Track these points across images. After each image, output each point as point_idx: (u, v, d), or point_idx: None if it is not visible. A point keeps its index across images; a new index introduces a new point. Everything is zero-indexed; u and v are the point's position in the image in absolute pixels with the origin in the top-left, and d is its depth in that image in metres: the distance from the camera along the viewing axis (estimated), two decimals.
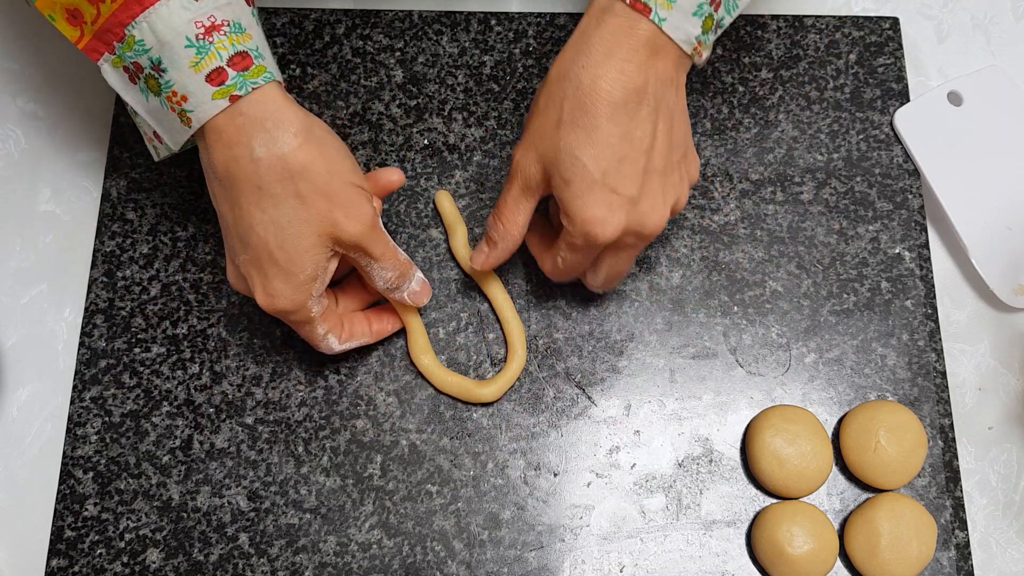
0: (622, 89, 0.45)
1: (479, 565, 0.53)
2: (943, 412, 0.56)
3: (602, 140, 0.46)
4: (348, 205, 0.46)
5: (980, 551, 0.55)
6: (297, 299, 0.48)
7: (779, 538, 0.51)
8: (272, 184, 0.45)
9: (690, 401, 0.56)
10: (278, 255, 0.46)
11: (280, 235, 0.46)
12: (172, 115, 0.45)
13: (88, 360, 0.56)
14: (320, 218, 0.46)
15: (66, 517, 0.53)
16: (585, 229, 0.47)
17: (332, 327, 0.51)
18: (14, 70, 0.63)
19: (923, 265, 0.59)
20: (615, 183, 0.46)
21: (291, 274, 0.47)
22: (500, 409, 0.56)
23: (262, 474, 0.54)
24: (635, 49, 0.45)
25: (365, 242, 0.48)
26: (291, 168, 0.45)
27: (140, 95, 0.46)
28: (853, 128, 0.62)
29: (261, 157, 0.45)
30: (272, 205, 0.45)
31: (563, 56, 0.47)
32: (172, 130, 0.46)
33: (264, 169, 0.45)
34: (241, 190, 0.46)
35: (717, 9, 0.47)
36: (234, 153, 0.45)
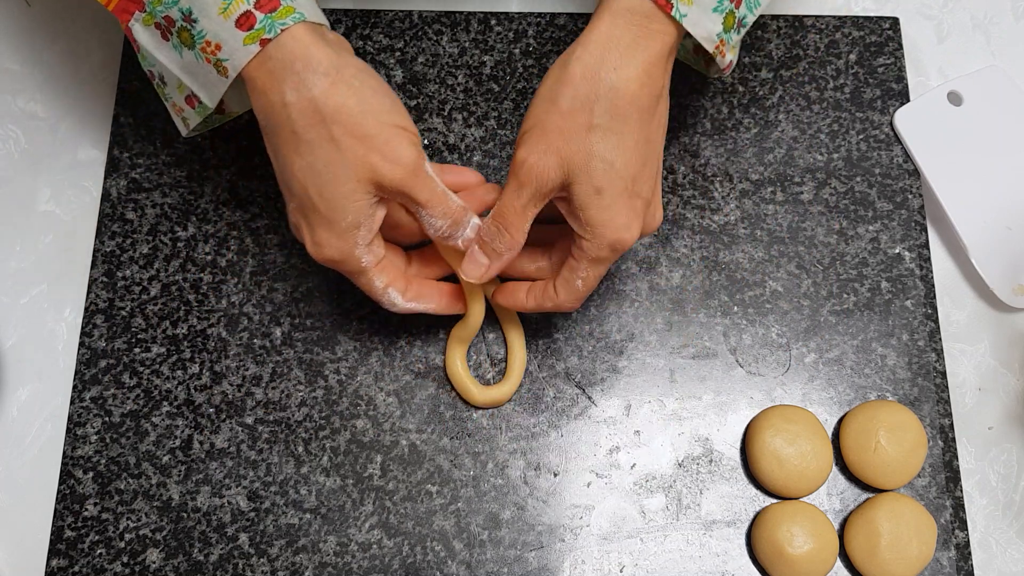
0: (648, 93, 0.45)
1: (479, 565, 0.53)
2: (943, 412, 0.56)
3: (632, 145, 0.45)
4: (385, 147, 0.44)
5: (980, 551, 0.55)
6: (343, 248, 0.46)
7: (779, 538, 0.51)
8: (305, 129, 0.44)
9: (690, 401, 0.56)
10: (318, 202, 0.45)
11: (318, 181, 0.44)
12: (208, 67, 0.44)
13: (88, 360, 0.56)
14: (357, 163, 0.44)
15: (66, 517, 0.53)
16: (614, 237, 0.45)
17: (393, 281, 0.49)
18: (14, 70, 0.63)
19: (923, 265, 0.59)
20: (639, 188, 0.46)
21: (333, 222, 0.45)
22: (500, 409, 0.56)
23: (262, 474, 0.54)
24: (660, 52, 0.45)
25: (408, 187, 0.45)
26: (322, 111, 0.43)
27: (174, 52, 0.45)
28: (853, 128, 0.62)
29: (292, 102, 0.43)
30: (308, 151, 0.44)
31: (588, 53, 0.44)
32: (209, 84, 0.45)
33: (296, 114, 0.43)
34: (279, 137, 0.44)
35: (738, 6, 0.46)
36: (268, 99, 0.44)
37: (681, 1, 0.44)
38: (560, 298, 0.49)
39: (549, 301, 0.50)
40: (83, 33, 0.64)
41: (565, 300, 0.49)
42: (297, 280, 0.58)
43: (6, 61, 0.63)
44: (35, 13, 0.64)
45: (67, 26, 0.64)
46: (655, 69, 0.45)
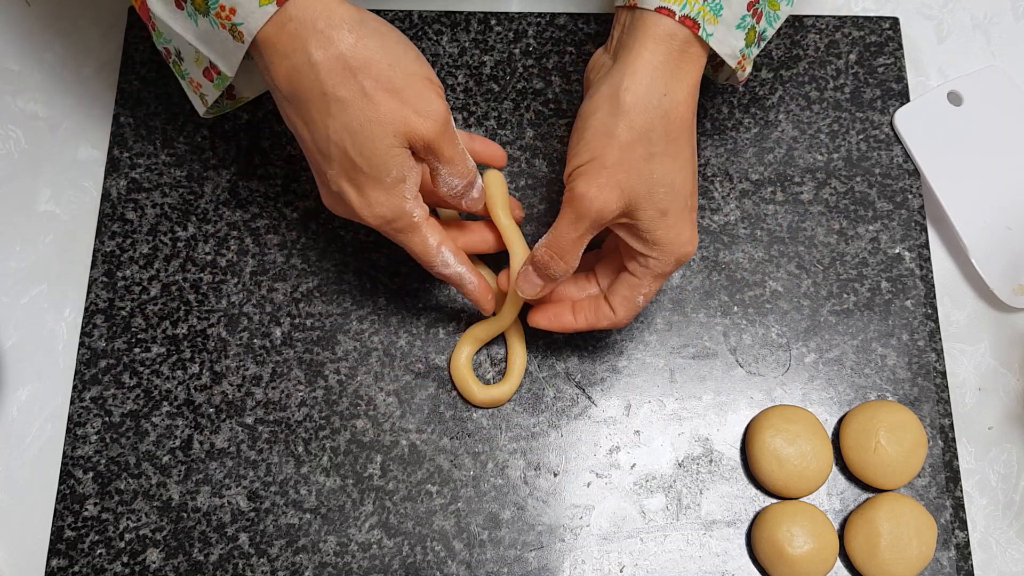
0: (691, 115, 0.47)
1: (479, 565, 0.53)
2: (943, 412, 0.56)
3: (686, 164, 0.47)
4: (417, 101, 0.44)
5: (980, 551, 0.55)
6: (394, 203, 0.45)
7: (779, 538, 0.51)
8: (336, 87, 0.43)
9: (690, 401, 0.56)
10: (359, 161, 0.44)
11: (356, 140, 0.43)
12: (223, 33, 0.43)
13: (88, 360, 0.56)
14: (392, 117, 0.43)
15: (66, 517, 0.53)
16: (681, 252, 0.47)
17: (444, 240, 0.48)
18: (14, 70, 0.63)
19: (923, 265, 0.59)
20: (694, 201, 0.48)
21: (378, 179, 0.44)
22: (500, 409, 0.56)
23: (262, 474, 0.54)
24: (696, 74, 0.46)
25: (438, 142, 0.45)
26: (352, 66, 0.42)
27: (188, 20, 0.44)
28: (853, 128, 0.62)
29: (319, 60, 0.42)
30: (341, 110, 0.43)
31: (636, 84, 0.45)
32: (226, 52, 0.44)
33: (325, 73, 0.42)
34: (309, 101, 0.43)
35: (759, 21, 0.48)
36: (293, 62, 0.43)
37: (708, 21, 0.45)
38: (619, 315, 0.50)
39: (606, 319, 0.50)
40: (83, 33, 0.64)
41: (624, 317, 0.50)
42: (297, 280, 0.58)
43: (6, 61, 0.63)
44: (35, 13, 0.64)
45: (67, 26, 0.64)
46: (696, 88, 0.47)
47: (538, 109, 0.62)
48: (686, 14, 0.45)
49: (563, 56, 0.63)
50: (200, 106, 0.50)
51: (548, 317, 0.52)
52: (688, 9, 0.45)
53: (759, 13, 0.48)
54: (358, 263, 0.58)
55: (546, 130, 0.61)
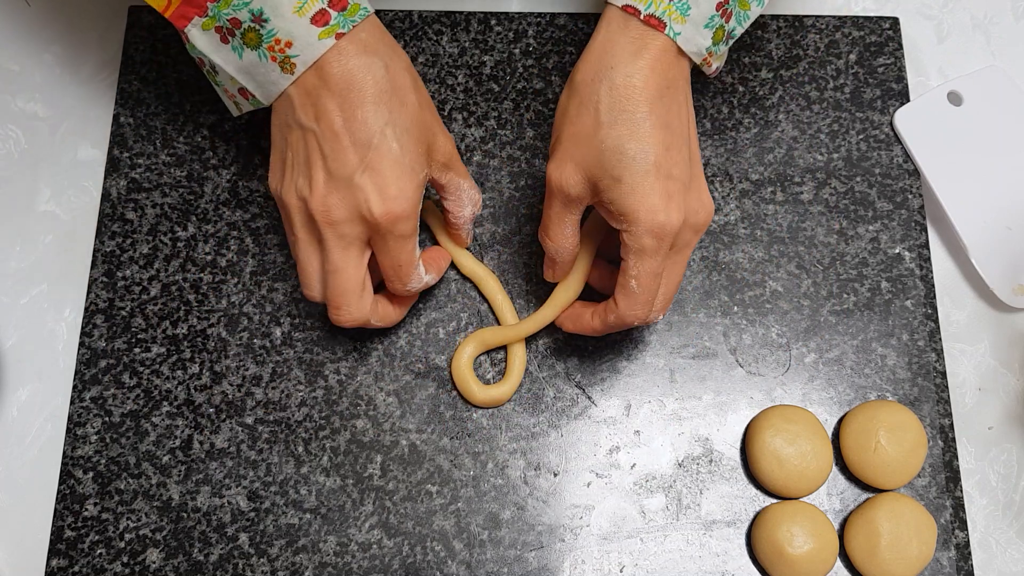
0: (655, 85, 0.46)
1: (479, 565, 0.53)
2: (943, 412, 0.56)
3: (646, 133, 0.45)
4: (438, 125, 0.50)
5: (980, 551, 0.55)
6: (415, 200, 0.48)
7: (779, 538, 0.51)
8: (396, 91, 0.47)
9: (690, 401, 0.56)
10: (399, 153, 0.47)
11: (402, 136, 0.47)
12: (271, 65, 0.46)
13: (88, 360, 0.56)
14: (427, 129, 0.49)
15: (66, 517, 0.53)
16: (649, 220, 0.45)
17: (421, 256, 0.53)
18: (14, 70, 0.63)
19: (923, 265, 0.59)
20: (667, 170, 0.46)
21: (412, 172, 0.48)
22: (500, 409, 0.56)
23: (262, 474, 0.54)
24: (659, 52, 0.46)
25: (455, 160, 0.51)
26: (414, 78, 0.49)
27: (232, 53, 0.47)
28: (853, 128, 0.62)
29: (392, 66, 0.47)
30: (397, 107, 0.47)
31: (587, 63, 0.47)
32: (267, 82, 0.47)
33: (395, 75, 0.47)
34: (363, 96, 0.46)
35: (728, 20, 0.48)
36: (364, 61, 0.46)
37: (675, 20, 0.46)
38: (620, 307, 0.48)
39: (611, 314, 0.49)
40: (83, 33, 0.64)
41: (625, 308, 0.48)
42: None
43: (6, 61, 0.63)
44: (35, 13, 0.64)
45: (67, 26, 0.64)
46: (657, 64, 0.46)
47: (538, 109, 0.62)
48: (651, 13, 0.46)
49: (563, 56, 0.63)
50: (233, 110, 0.53)
51: (572, 320, 0.53)
52: (653, 8, 0.46)
53: (728, 13, 0.48)
54: None
55: (546, 130, 0.61)
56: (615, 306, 0.49)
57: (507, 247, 0.59)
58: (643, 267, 0.47)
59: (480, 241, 0.59)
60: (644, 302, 0.48)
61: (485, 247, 0.59)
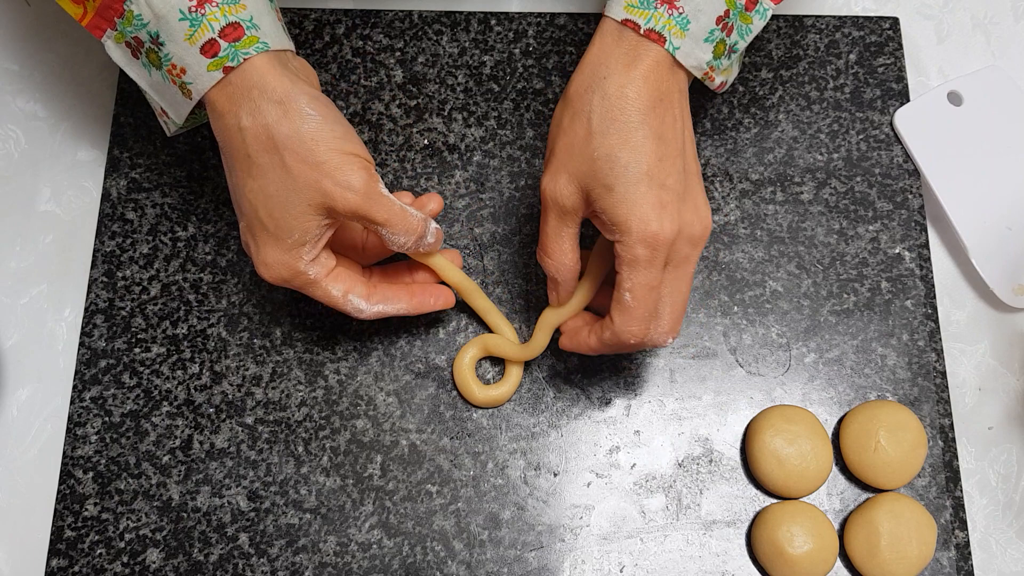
0: (648, 96, 0.45)
1: (479, 565, 0.53)
2: (943, 412, 0.56)
3: (638, 143, 0.45)
4: (336, 174, 0.45)
5: (980, 551, 0.55)
6: (289, 263, 0.47)
7: (779, 538, 0.51)
8: (259, 154, 0.45)
9: (690, 401, 0.56)
10: (267, 222, 0.46)
11: (268, 204, 0.46)
12: (174, 88, 0.46)
13: (88, 360, 0.56)
14: (308, 188, 0.45)
15: (66, 517, 0.53)
16: (642, 229, 0.44)
17: (351, 287, 0.50)
18: (14, 70, 0.63)
19: (923, 265, 0.59)
20: (660, 180, 0.45)
21: (280, 239, 0.47)
22: (500, 409, 0.56)
23: (262, 474, 0.54)
24: (653, 63, 0.45)
25: (363, 210, 0.46)
26: (275, 138, 0.45)
27: (143, 70, 0.47)
28: (853, 128, 0.62)
29: (247, 127, 0.45)
30: (260, 174, 0.46)
31: (581, 74, 0.47)
32: (175, 103, 0.47)
33: (251, 138, 0.45)
34: (234, 158, 0.46)
35: (729, 34, 0.48)
36: (225, 123, 0.46)
37: (673, 35, 0.45)
38: (616, 323, 0.47)
39: (606, 331, 0.48)
40: (83, 33, 0.64)
41: (620, 324, 0.47)
42: None
43: (6, 61, 0.63)
44: (35, 13, 0.64)
45: (67, 26, 0.64)
46: (651, 74, 0.45)
47: (538, 109, 0.62)
48: (651, 28, 0.45)
49: (563, 56, 0.63)
50: (166, 129, 0.53)
51: (570, 338, 0.52)
52: (653, 23, 0.45)
53: (729, 27, 0.47)
54: None
55: (546, 130, 0.61)
56: (610, 322, 0.47)
57: (507, 247, 0.59)
58: (636, 279, 0.46)
59: (480, 241, 0.59)
60: (640, 317, 0.46)
61: (485, 247, 0.59)
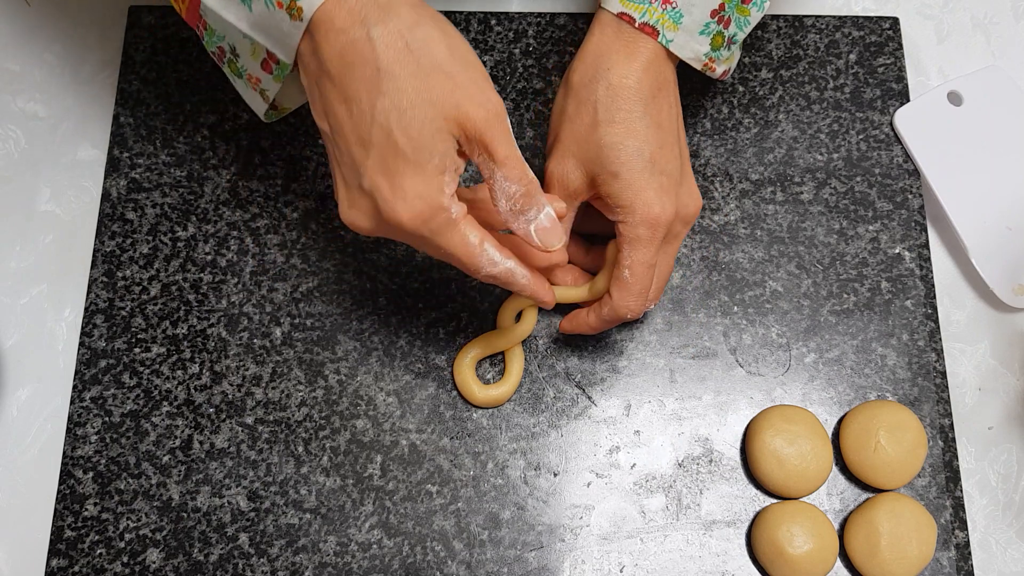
0: (648, 86, 0.48)
1: (479, 565, 0.53)
2: (943, 412, 0.56)
3: (641, 131, 0.48)
4: (471, 86, 0.42)
5: (980, 551, 0.55)
6: (432, 196, 0.43)
7: (779, 538, 0.51)
8: (392, 64, 0.41)
9: (690, 401, 0.56)
10: (403, 143, 0.42)
11: (403, 120, 0.42)
12: (280, 13, 0.42)
13: (88, 360, 0.56)
14: (444, 98, 0.42)
15: (66, 517, 0.53)
16: (645, 212, 0.48)
17: (486, 236, 0.45)
18: (14, 70, 0.63)
19: (923, 265, 0.59)
20: (661, 166, 0.48)
21: (419, 164, 0.42)
22: (500, 409, 0.56)
23: (262, 474, 0.54)
24: (652, 55, 0.48)
25: (490, 134, 0.42)
26: (410, 44, 0.42)
27: (242, 7, 0.44)
28: (853, 128, 0.62)
29: (377, 36, 0.41)
30: (393, 87, 0.41)
31: (583, 63, 0.49)
32: (283, 35, 0.43)
33: (382, 47, 0.41)
34: (358, 78, 0.42)
35: (727, 26, 0.50)
36: (350, 37, 0.42)
37: (667, 28, 0.48)
38: (615, 299, 0.49)
39: (605, 307, 0.50)
40: (83, 33, 0.64)
41: (619, 300, 0.49)
42: (297, 280, 0.58)
43: (6, 61, 0.63)
44: (35, 13, 0.64)
45: (67, 26, 0.64)
46: (651, 66, 0.48)
47: (538, 109, 0.62)
48: (645, 22, 0.48)
49: (563, 56, 0.63)
50: (261, 105, 0.49)
51: (571, 321, 0.54)
52: (648, 17, 0.48)
53: (726, 19, 0.49)
54: (358, 263, 0.58)
55: (546, 130, 0.61)
56: (609, 298, 0.50)
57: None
58: (636, 256, 0.48)
59: None
60: (637, 292, 0.49)
61: None
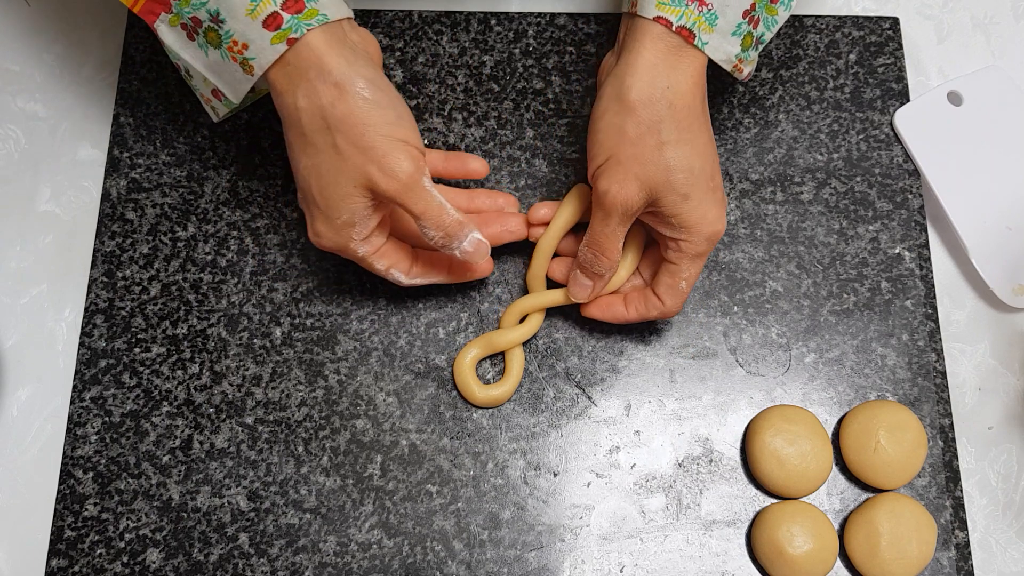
0: (700, 102, 0.49)
1: (479, 565, 0.53)
2: (943, 412, 0.56)
3: (702, 149, 0.49)
4: (383, 160, 0.47)
5: (980, 551, 0.55)
6: (338, 241, 0.49)
7: (779, 538, 0.51)
8: (313, 133, 0.47)
9: (690, 401, 0.56)
10: (318, 199, 0.48)
11: (320, 182, 0.48)
12: (234, 65, 0.47)
13: (88, 360, 0.56)
14: (356, 171, 0.47)
15: (66, 517, 0.53)
16: (711, 231, 0.49)
17: (395, 264, 0.52)
18: (14, 70, 0.63)
19: (923, 265, 0.59)
20: (717, 181, 0.50)
21: (329, 218, 0.48)
22: (500, 409, 0.56)
23: (262, 474, 0.54)
24: (700, 67, 0.49)
25: (402, 198, 0.48)
26: (328, 120, 0.46)
27: (199, 51, 0.47)
28: (853, 128, 0.62)
29: (303, 107, 0.46)
30: (314, 152, 0.47)
31: (638, 82, 0.48)
32: (234, 81, 0.48)
33: (306, 118, 0.47)
34: (292, 135, 0.48)
35: (756, 27, 0.50)
36: (284, 101, 0.47)
37: (703, 31, 0.48)
38: (667, 304, 0.52)
39: (655, 309, 0.53)
40: (83, 33, 0.64)
41: (672, 305, 0.52)
42: (297, 280, 0.58)
43: (6, 61, 0.63)
44: (35, 13, 0.64)
45: (67, 26, 0.64)
46: (700, 79, 0.49)
47: (538, 109, 0.62)
48: (682, 24, 0.47)
49: (563, 56, 0.63)
50: (212, 116, 0.54)
51: (601, 308, 0.55)
52: (684, 20, 0.47)
53: (756, 19, 0.49)
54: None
55: (546, 130, 0.61)
56: (660, 303, 0.52)
57: (508, 246, 0.59)
58: (694, 269, 0.51)
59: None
60: (684, 299, 0.53)
61: None
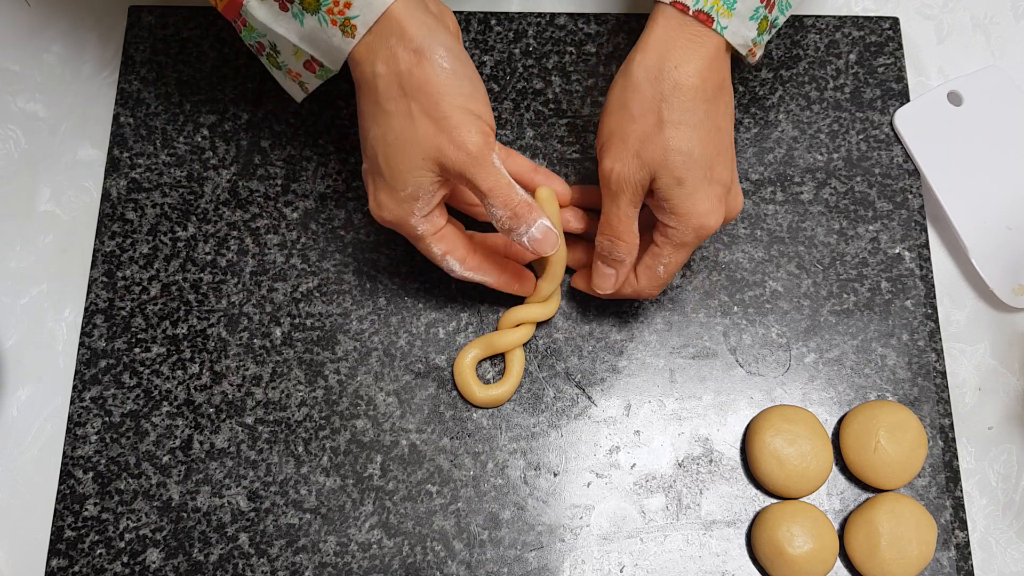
0: (712, 86, 0.48)
1: (479, 565, 0.53)
2: (943, 412, 0.56)
3: (704, 135, 0.47)
4: (454, 131, 0.46)
5: (980, 551, 0.55)
6: (399, 214, 0.49)
7: (779, 538, 0.51)
8: (388, 100, 0.46)
9: (690, 401, 0.56)
10: (384, 169, 0.48)
11: (387, 151, 0.47)
12: (332, 29, 0.46)
13: (88, 360, 0.56)
14: (426, 141, 0.46)
15: (66, 517, 0.53)
16: (699, 223, 0.48)
17: (452, 250, 0.51)
18: (14, 70, 0.63)
19: (923, 265, 0.59)
20: (717, 174, 0.48)
21: (393, 189, 0.48)
22: (500, 409, 0.56)
23: (262, 474, 0.54)
24: (715, 49, 0.48)
25: (469, 172, 0.47)
26: (405, 86, 0.46)
27: (293, 21, 0.47)
28: (853, 128, 0.62)
29: (380, 73, 0.46)
30: (385, 121, 0.47)
31: (645, 58, 0.48)
32: (331, 48, 0.47)
33: (383, 84, 0.46)
34: (366, 103, 0.48)
35: (771, 10, 0.50)
36: (362, 70, 0.47)
37: (721, 15, 0.47)
38: (641, 284, 0.52)
39: (629, 287, 0.52)
40: (83, 33, 0.64)
41: (646, 286, 0.52)
42: (297, 280, 0.58)
43: (6, 61, 0.63)
44: (35, 13, 0.64)
45: (67, 26, 0.64)
46: (714, 63, 0.48)
47: (538, 109, 0.62)
48: (700, 8, 0.47)
49: (563, 56, 0.63)
50: (299, 93, 0.53)
51: (585, 280, 0.55)
52: (702, 4, 0.47)
53: (771, 3, 0.49)
54: (358, 263, 0.58)
55: (546, 130, 0.61)
56: (635, 281, 0.52)
57: None
58: (676, 258, 0.50)
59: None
60: (661, 284, 0.52)
61: None
